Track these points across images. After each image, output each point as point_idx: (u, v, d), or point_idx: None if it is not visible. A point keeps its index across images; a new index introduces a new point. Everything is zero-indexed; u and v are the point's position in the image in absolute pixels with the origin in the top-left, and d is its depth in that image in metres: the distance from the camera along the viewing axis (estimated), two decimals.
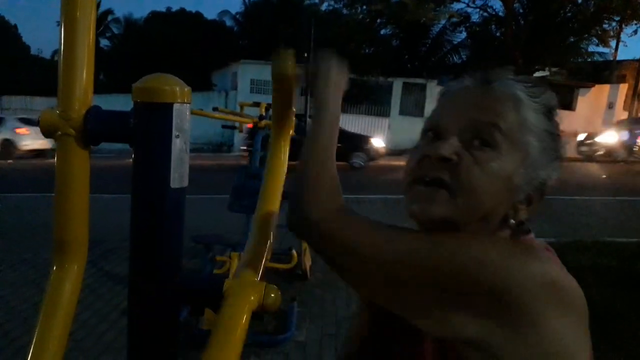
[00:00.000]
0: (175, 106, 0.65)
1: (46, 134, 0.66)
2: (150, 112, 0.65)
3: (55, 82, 0.67)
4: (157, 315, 0.70)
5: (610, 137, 16.60)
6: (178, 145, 0.66)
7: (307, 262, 4.63)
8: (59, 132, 0.66)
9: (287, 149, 1.00)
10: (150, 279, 0.69)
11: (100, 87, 27.68)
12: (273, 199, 0.92)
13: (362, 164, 14.17)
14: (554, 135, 0.71)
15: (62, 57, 0.66)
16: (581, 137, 17.09)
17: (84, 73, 0.67)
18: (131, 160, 0.67)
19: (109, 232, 5.26)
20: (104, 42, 35.41)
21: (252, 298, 0.69)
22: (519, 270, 0.59)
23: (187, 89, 0.67)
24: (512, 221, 0.70)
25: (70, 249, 0.70)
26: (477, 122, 0.67)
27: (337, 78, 0.87)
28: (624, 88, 23.13)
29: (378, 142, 15.14)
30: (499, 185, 0.66)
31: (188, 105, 0.67)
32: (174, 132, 0.65)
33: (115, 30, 35.45)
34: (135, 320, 0.71)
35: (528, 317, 0.58)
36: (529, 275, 0.59)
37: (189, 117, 0.68)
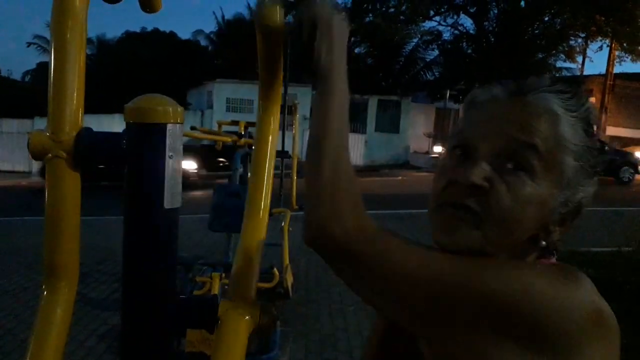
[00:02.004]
0: (169, 126, 0.65)
1: (36, 156, 0.65)
2: (143, 133, 0.65)
3: (26, 103, 0.66)
4: (151, 340, 0.68)
5: None
6: (171, 165, 0.66)
7: (289, 279, 4.59)
8: (50, 155, 0.65)
9: (277, 129, 0.92)
10: (144, 301, 0.68)
11: None
12: (261, 204, 0.88)
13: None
14: (593, 151, 0.65)
15: (52, 79, 0.66)
16: None
17: (75, 95, 0.66)
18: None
19: (82, 254, 5.14)
20: None
21: (248, 319, 0.68)
22: (566, 300, 0.55)
23: (180, 109, 0.67)
24: (544, 243, 0.65)
25: (62, 273, 0.69)
26: (511, 142, 0.61)
27: (340, 31, 0.72)
28: (591, 102, 23.81)
29: None
30: (532, 212, 0.61)
31: (181, 125, 0.67)
32: (168, 153, 0.65)
33: (88, 51, 35.07)
34: (129, 344, 0.69)
35: (574, 349, 0.54)
36: (576, 306, 0.55)
37: (182, 138, 0.68)
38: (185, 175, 14.04)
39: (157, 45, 30.06)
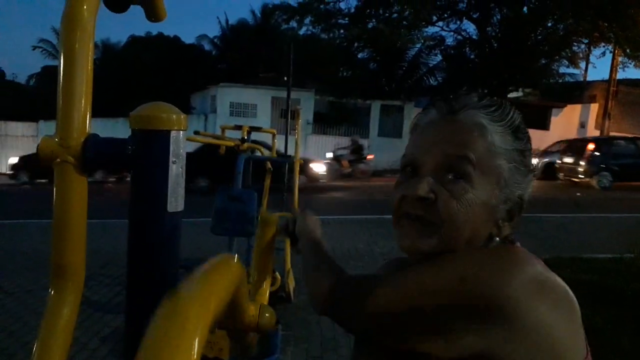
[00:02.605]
0: (172, 133, 0.67)
1: (45, 161, 0.68)
2: (148, 139, 0.67)
3: (30, 107, 0.69)
4: None
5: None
6: (175, 170, 0.68)
7: (291, 284, 4.61)
8: (58, 160, 0.68)
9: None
10: (148, 304, 0.70)
11: None
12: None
13: None
14: (524, 152, 0.75)
15: (61, 86, 0.68)
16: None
17: (83, 101, 0.69)
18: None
19: (88, 258, 5.16)
20: None
21: (249, 318, 0.70)
22: (506, 277, 0.62)
23: (183, 116, 0.69)
24: (497, 239, 0.74)
25: (68, 274, 0.71)
26: (448, 157, 0.71)
27: (312, 221, 1.09)
28: (594, 107, 23.85)
29: None
30: (478, 212, 0.70)
31: (184, 132, 0.70)
32: (171, 158, 0.67)
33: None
34: (133, 345, 0.71)
35: (524, 317, 0.60)
36: (517, 280, 0.62)
37: (185, 144, 0.71)
38: (315, 178, 14.47)
39: (161, 49, 30.22)
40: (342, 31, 20.64)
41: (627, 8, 16.75)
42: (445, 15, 20.69)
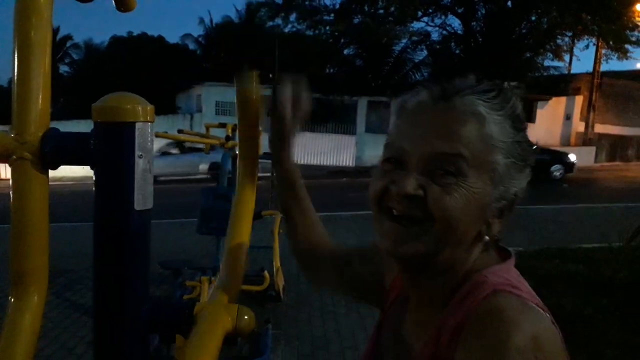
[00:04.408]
0: (138, 125, 0.63)
1: (0, 158, 0.63)
2: (111, 132, 0.62)
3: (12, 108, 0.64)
4: (125, 345, 0.66)
5: None
6: (141, 165, 0.63)
7: (280, 282, 4.57)
8: (14, 157, 0.63)
9: (256, 173, 0.97)
10: (116, 306, 0.65)
11: (62, 114, 27.02)
12: (244, 222, 0.90)
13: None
14: (523, 144, 0.68)
15: (16, 78, 0.63)
16: None
17: (40, 94, 0.64)
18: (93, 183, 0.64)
19: (74, 260, 5.10)
20: (64, 68, 34.72)
21: (225, 320, 0.66)
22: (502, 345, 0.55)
23: (149, 107, 0.64)
24: (487, 237, 0.68)
25: (30, 279, 0.66)
26: (439, 153, 0.63)
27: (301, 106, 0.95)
28: (579, 100, 24.04)
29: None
30: (470, 210, 0.64)
31: (151, 124, 0.65)
32: (137, 152, 0.63)
33: (75, 56, 34.85)
34: (102, 351, 0.67)
35: None
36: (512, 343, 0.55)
37: (152, 136, 0.66)
38: None
39: (145, 49, 29.95)
40: (327, 28, 20.60)
41: (609, 1, 16.90)
42: (430, 11, 20.74)
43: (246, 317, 0.68)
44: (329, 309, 4.38)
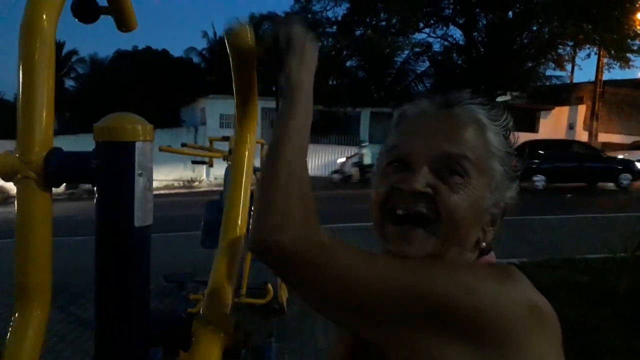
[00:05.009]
0: (138, 144, 0.65)
1: (5, 177, 0.65)
2: (112, 151, 0.65)
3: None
4: (126, 358, 0.68)
5: None
6: (141, 183, 0.66)
7: (284, 295, 4.57)
8: (19, 176, 0.65)
9: (254, 145, 0.94)
10: (117, 320, 0.67)
11: (67, 128, 27.23)
12: (238, 221, 0.89)
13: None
14: (512, 156, 0.71)
15: (21, 99, 0.66)
16: None
17: (44, 115, 0.66)
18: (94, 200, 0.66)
19: (78, 275, 5.10)
20: (70, 83, 35.06)
21: (222, 335, 0.68)
22: (505, 295, 0.59)
23: (149, 126, 0.67)
24: (484, 244, 0.70)
25: (34, 294, 0.68)
26: (447, 153, 0.66)
27: (311, 51, 0.77)
28: (582, 109, 24.05)
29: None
30: (473, 211, 0.66)
31: (151, 143, 0.67)
32: (137, 171, 0.65)
33: (81, 70, 35.20)
34: None
35: (515, 341, 0.57)
36: (514, 300, 0.59)
37: (152, 155, 0.68)
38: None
39: (150, 63, 30.19)
40: (330, 40, 20.73)
41: (610, 10, 16.95)
42: (432, 22, 20.85)
43: (243, 330, 0.69)
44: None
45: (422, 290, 0.59)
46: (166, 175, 19.81)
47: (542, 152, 14.97)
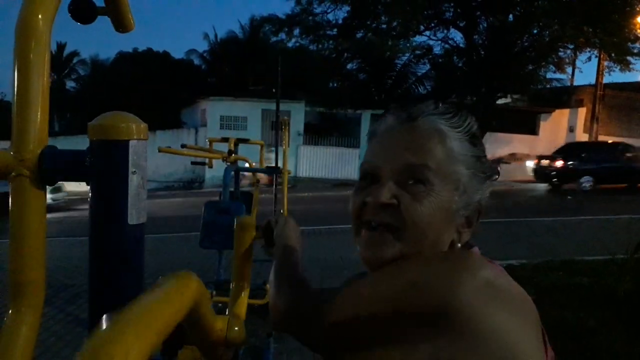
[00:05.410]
0: (132, 143, 0.65)
1: (0, 175, 0.66)
2: (106, 150, 0.65)
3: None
4: None
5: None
6: (135, 181, 0.66)
7: None
8: (13, 173, 0.66)
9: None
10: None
11: (68, 129, 27.27)
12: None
13: None
14: (481, 159, 0.75)
15: (15, 98, 0.66)
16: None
17: (39, 113, 0.67)
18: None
19: (76, 275, 5.11)
20: (71, 84, 35.14)
21: (215, 331, 0.68)
22: (458, 283, 0.60)
23: (143, 125, 0.67)
24: (459, 245, 0.74)
25: (27, 292, 0.68)
26: (409, 164, 0.70)
27: (292, 227, 1.07)
28: (582, 112, 24.04)
29: None
30: (439, 216, 0.70)
31: (145, 141, 0.68)
32: (131, 169, 0.65)
33: (82, 72, 35.28)
34: None
35: (476, 325, 0.58)
36: (469, 286, 0.60)
37: (146, 154, 0.69)
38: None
39: (151, 65, 30.23)
40: (330, 42, 20.74)
41: (611, 13, 16.96)
42: (432, 25, 20.84)
43: (236, 328, 0.70)
44: None
45: (384, 296, 0.65)
46: (166, 177, 19.85)
47: (587, 154, 15.18)
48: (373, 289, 0.67)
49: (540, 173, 17.09)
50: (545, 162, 17.06)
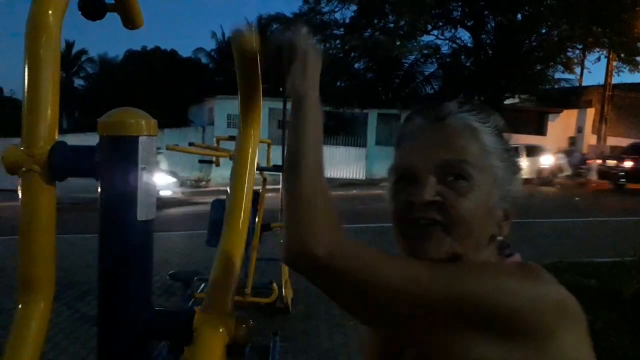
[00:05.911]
0: (141, 139, 0.65)
1: (10, 170, 0.66)
2: (115, 146, 0.65)
3: None
4: (127, 350, 0.68)
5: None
6: (145, 177, 0.66)
7: (289, 295, 4.57)
8: (24, 169, 0.66)
9: (257, 144, 0.95)
10: (119, 313, 0.68)
11: (76, 127, 27.41)
12: (240, 218, 0.88)
13: None
14: (511, 152, 0.76)
15: (26, 94, 0.67)
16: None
17: (49, 110, 0.67)
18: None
19: (85, 272, 5.14)
20: (79, 82, 35.32)
21: (223, 330, 0.68)
22: (533, 292, 0.63)
23: (152, 121, 0.67)
24: (500, 238, 0.74)
25: (37, 286, 0.69)
26: (447, 161, 0.70)
27: (315, 59, 0.76)
28: (591, 112, 23.89)
29: None
30: (483, 210, 0.70)
31: (154, 137, 0.68)
32: (140, 165, 0.65)
33: (90, 70, 35.44)
34: (104, 356, 0.69)
35: (547, 335, 0.61)
36: (542, 296, 0.63)
37: (156, 150, 0.69)
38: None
39: (158, 63, 30.33)
40: (337, 41, 20.72)
41: (620, 13, 16.83)
42: (440, 24, 20.78)
43: (244, 326, 0.69)
44: (337, 322, 4.36)
45: (454, 292, 0.63)
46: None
47: None
48: (455, 281, 0.64)
49: (607, 173, 16.91)
50: (612, 162, 16.90)
